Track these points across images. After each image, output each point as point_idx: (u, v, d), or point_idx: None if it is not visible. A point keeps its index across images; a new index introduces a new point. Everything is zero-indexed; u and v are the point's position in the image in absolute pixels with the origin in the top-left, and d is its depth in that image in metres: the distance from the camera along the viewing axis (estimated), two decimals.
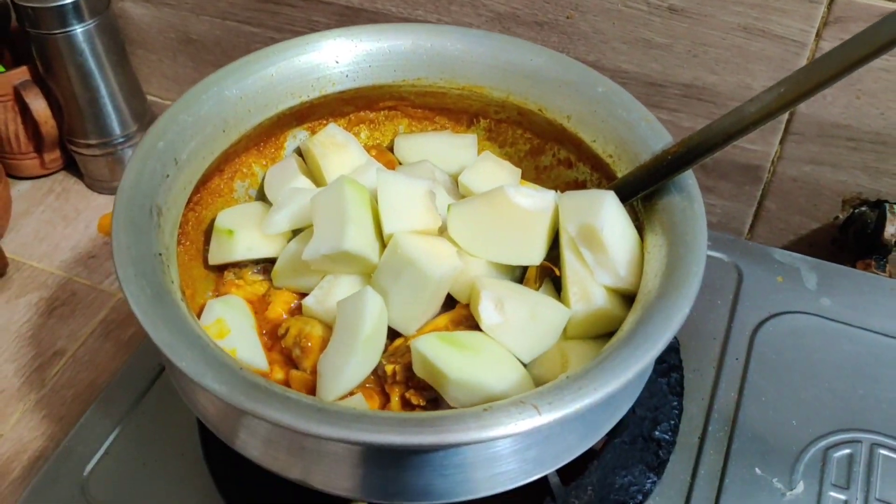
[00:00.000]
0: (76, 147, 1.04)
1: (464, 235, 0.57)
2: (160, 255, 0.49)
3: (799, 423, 0.62)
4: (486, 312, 0.51)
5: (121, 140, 1.04)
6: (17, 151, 1.06)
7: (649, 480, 0.59)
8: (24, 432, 0.84)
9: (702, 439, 0.62)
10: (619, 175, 0.59)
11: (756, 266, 0.73)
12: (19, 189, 1.09)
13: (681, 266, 0.50)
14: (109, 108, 1.02)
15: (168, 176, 0.53)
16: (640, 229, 0.56)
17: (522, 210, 0.55)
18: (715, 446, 0.61)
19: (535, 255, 0.57)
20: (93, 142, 1.03)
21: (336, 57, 0.63)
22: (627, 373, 0.44)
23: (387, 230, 0.55)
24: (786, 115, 0.78)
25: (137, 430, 0.63)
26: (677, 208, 0.54)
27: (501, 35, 0.65)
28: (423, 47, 0.64)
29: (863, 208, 0.81)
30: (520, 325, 0.52)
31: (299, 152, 0.67)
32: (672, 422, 0.62)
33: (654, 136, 0.58)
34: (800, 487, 0.59)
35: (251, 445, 0.49)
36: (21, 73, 0.99)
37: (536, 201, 0.56)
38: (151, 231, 0.50)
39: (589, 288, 0.54)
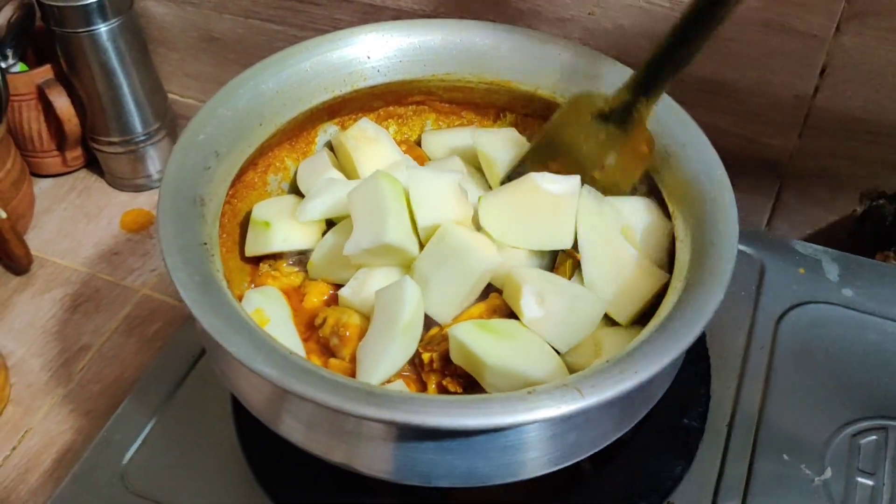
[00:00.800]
0: (98, 145, 1.05)
1: (496, 225, 0.58)
2: (205, 244, 0.50)
3: (825, 411, 0.63)
4: (528, 307, 0.53)
5: (142, 138, 1.05)
6: (40, 150, 1.07)
7: (678, 467, 0.60)
8: (52, 426, 0.85)
9: (730, 427, 0.63)
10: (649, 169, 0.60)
11: (778, 257, 0.74)
12: (41, 187, 1.10)
13: (713, 252, 0.51)
14: (132, 106, 1.03)
15: (209, 168, 0.54)
16: (672, 218, 0.57)
17: (552, 195, 0.57)
18: (743, 433, 0.62)
19: (566, 239, 0.58)
20: (115, 139, 1.04)
21: (368, 52, 0.64)
22: (666, 357, 0.46)
23: (421, 223, 0.56)
24: (804, 110, 0.79)
25: (174, 420, 0.64)
26: (707, 197, 0.55)
27: (529, 30, 0.66)
28: (452, 42, 0.65)
29: (880, 201, 0.82)
30: (559, 318, 0.53)
31: (330, 146, 0.68)
32: (700, 409, 0.63)
33: (681, 127, 0.59)
34: (828, 473, 0.60)
35: (295, 430, 0.50)
36: (45, 72, 1.00)
37: (564, 186, 0.58)
38: (196, 221, 0.51)
39: None
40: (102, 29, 0.95)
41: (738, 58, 0.77)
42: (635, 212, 0.58)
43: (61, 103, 1.00)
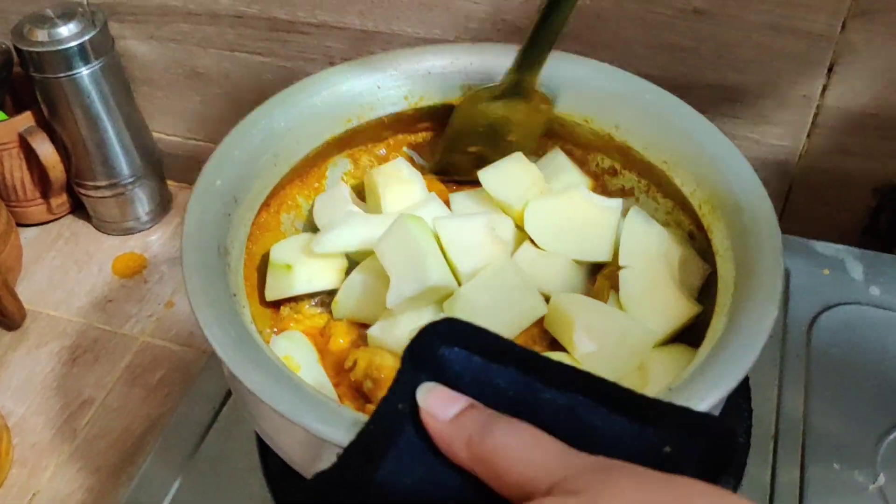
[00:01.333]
0: (84, 189, 1.02)
1: (541, 232, 0.59)
2: (234, 295, 0.48)
3: (869, 415, 0.62)
4: (581, 342, 0.51)
5: (130, 180, 1.02)
6: (24, 199, 1.04)
7: (728, 485, 0.59)
8: (60, 486, 0.82)
9: (775, 440, 0.61)
10: (675, 181, 0.58)
11: (800, 260, 0.73)
12: (27, 236, 1.06)
13: (759, 266, 0.50)
14: (117, 148, 1.00)
15: (229, 215, 0.52)
16: (707, 233, 0.55)
17: (596, 207, 0.58)
18: (789, 445, 0.61)
19: (606, 251, 0.59)
20: (101, 183, 1.01)
21: (377, 82, 0.62)
22: (730, 380, 0.44)
23: (462, 270, 0.55)
24: (813, 110, 0.78)
25: (200, 477, 0.61)
26: (745, 209, 0.54)
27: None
28: (462, 64, 0.63)
29: (894, 195, 0.82)
30: (611, 350, 0.52)
31: (343, 180, 0.66)
32: (745, 425, 0.61)
33: (710, 139, 0.57)
34: (881, 479, 0.58)
35: None
36: (25, 119, 0.97)
37: (607, 199, 0.60)
38: (222, 271, 0.49)
39: None
40: (84, 72, 0.92)
41: (743, 62, 0.76)
42: (671, 243, 0.57)
43: (45, 150, 0.97)
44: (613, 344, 0.52)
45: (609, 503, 0.30)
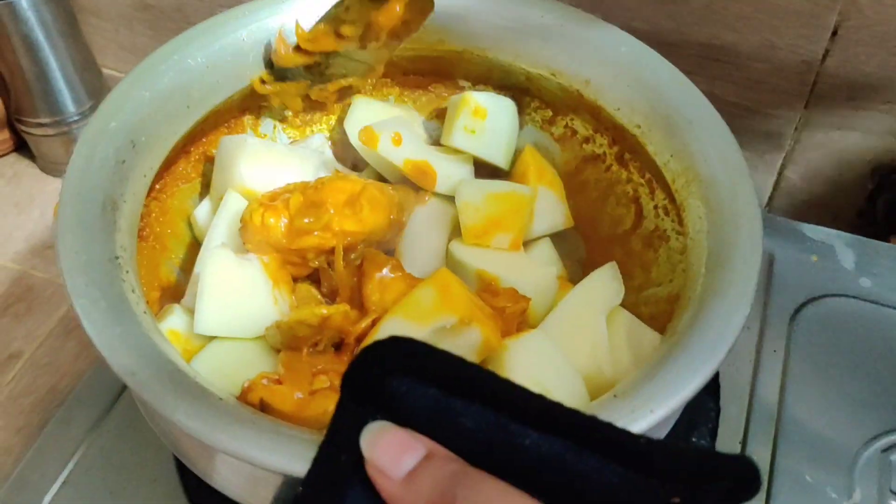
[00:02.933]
0: (26, 127, 0.95)
1: None
2: (118, 258, 0.41)
3: (850, 422, 0.56)
4: None
5: (75, 118, 0.95)
6: None
7: None
8: None
9: (743, 444, 0.55)
10: (648, 149, 0.51)
11: (787, 244, 0.66)
12: None
13: (734, 256, 0.43)
14: (61, 83, 0.92)
15: (124, 162, 0.45)
16: (679, 210, 0.48)
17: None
18: (759, 451, 0.54)
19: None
20: (44, 121, 0.94)
21: (315, 17, 0.54)
22: (686, 389, 0.37)
23: None
24: (812, 76, 0.70)
25: (101, 453, 0.55)
26: (722, 186, 0.46)
27: None
28: None
29: (894, 176, 0.75)
30: None
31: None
32: (709, 425, 0.55)
33: (689, 103, 0.50)
34: (857, 496, 0.52)
35: (234, 484, 0.41)
36: None
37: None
38: (106, 230, 0.42)
39: None
40: None
41: (739, 19, 0.68)
42: None
43: None
44: None
45: None
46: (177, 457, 0.53)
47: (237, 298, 0.45)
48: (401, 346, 0.31)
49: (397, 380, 0.30)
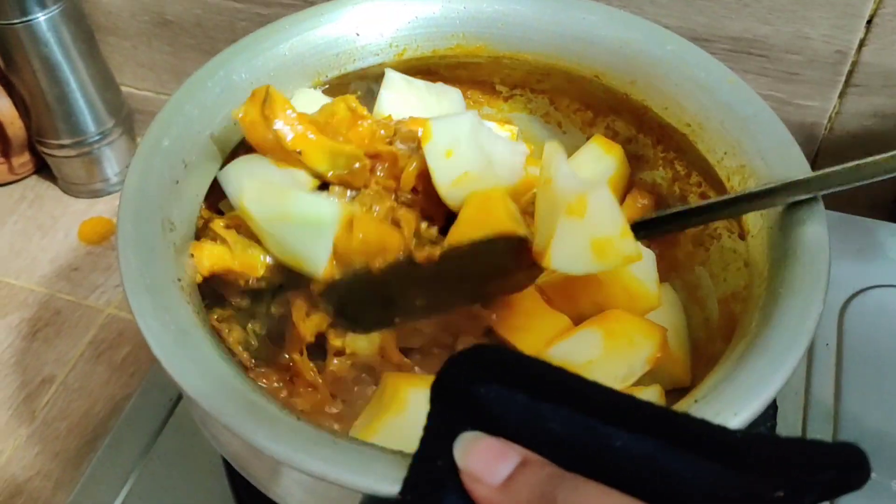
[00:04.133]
0: (47, 148, 0.94)
1: None
2: (179, 280, 0.40)
3: None
4: None
5: (97, 138, 0.94)
6: None
7: None
8: (17, 471, 0.76)
9: None
10: (699, 147, 0.51)
11: (832, 236, 0.65)
12: None
13: (801, 252, 0.43)
14: (81, 103, 0.92)
15: (178, 182, 0.44)
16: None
17: None
18: None
19: None
20: (66, 142, 0.93)
21: (356, 28, 0.54)
22: (768, 390, 0.37)
23: None
24: (847, 66, 0.70)
25: (154, 478, 0.54)
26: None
27: None
28: (455, 10, 0.55)
29: None
30: None
31: None
32: (768, 423, 0.54)
33: (740, 100, 0.50)
34: None
35: (298, 499, 0.40)
36: None
37: None
38: (166, 251, 0.41)
39: None
40: (41, 18, 0.84)
41: (771, 10, 0.68)
42: None
43: (2, 105, 0.90)
44: None
45: None
46: (231, 477, 0.53)
47: None
48: (486, 354, 0.31)
49: (485, 387, 0.30)
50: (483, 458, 0.29)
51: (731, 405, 0.36)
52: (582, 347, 0.45)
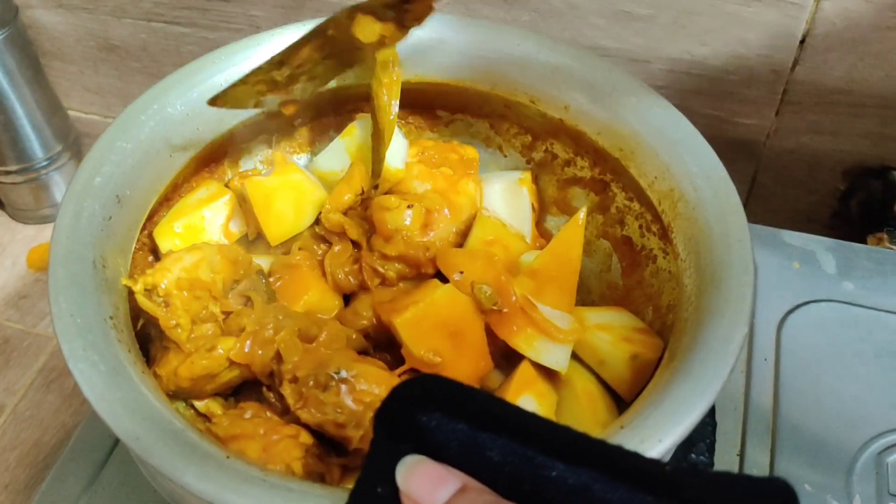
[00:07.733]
0: None
1: None
2: (111, 318, 0.40)
3: (844, 427, 0.56)
4: None
5: (44, 164, 0.94)
6: None
7: None
8: None
9: (741, 456, 0.55)
10: (632, 171, 0.52)
11: (768, 252, 0.67)
12: None
13: (727, 275, 0.43)
14: (28, 129, 0.91)
15: (110, 218, 0.44)
16: (668, 231, 0.49)
17: None
18: (757, 464, 0.55)
19: None
20: (12, 168, 0.93)
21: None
22: (692, 415, 0.37)
23: None
24: (782, 85, 0.71)
25: None
26: (710, 205, 0.47)
27: (479, 20, 0.57)
28: None
29: (865, 177, 0.76)
30: None
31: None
32: (707, 440, 0.55)
33: (670, 125, 0.51)
34: (857, 501, 0.53)
35: None
36: None
37: None
38: (98, 289, 0.41)
39: None
40: None
41: (708, 32, 0.69)
42: None
43: None
44: None
45: None
46: None
47: None
48: (429, 384, 0.32)
49: (427, 416, 0.31)
50: (424, 481, 0.30)
51: (655, 432, 0.37)
52: None
